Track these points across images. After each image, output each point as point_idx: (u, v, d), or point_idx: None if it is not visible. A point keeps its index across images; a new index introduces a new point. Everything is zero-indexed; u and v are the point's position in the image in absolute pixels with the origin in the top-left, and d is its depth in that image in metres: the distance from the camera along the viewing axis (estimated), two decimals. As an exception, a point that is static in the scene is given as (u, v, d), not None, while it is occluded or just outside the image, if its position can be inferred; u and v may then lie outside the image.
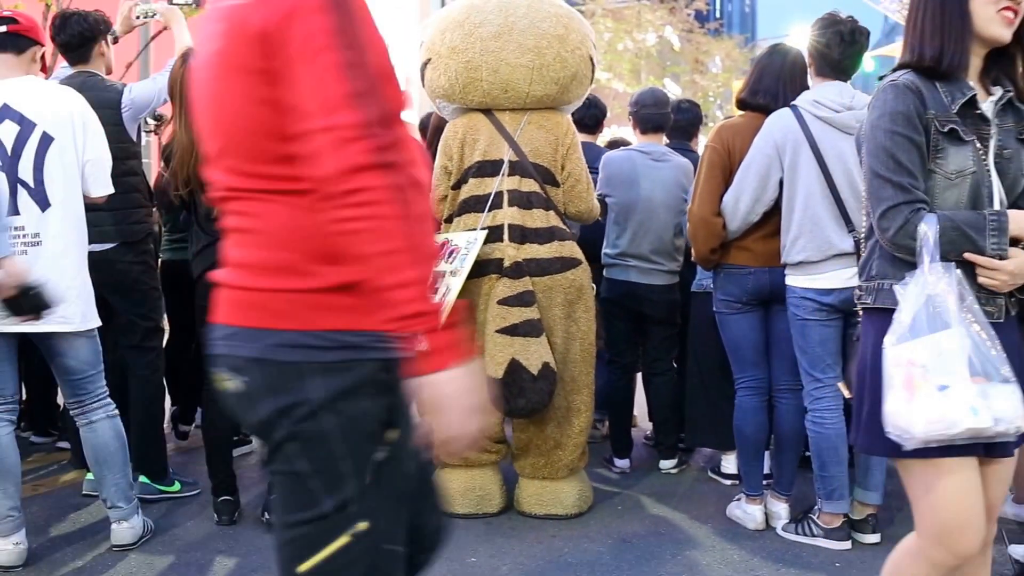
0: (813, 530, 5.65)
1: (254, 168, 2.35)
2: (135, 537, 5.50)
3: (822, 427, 5.55)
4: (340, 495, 2.33)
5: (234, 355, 2.37)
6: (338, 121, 2.16)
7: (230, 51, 2.30)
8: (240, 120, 2.33)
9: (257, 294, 2.36)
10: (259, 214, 2.36)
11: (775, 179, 5.54)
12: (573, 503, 6.11)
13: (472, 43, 6.00)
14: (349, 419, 2.32)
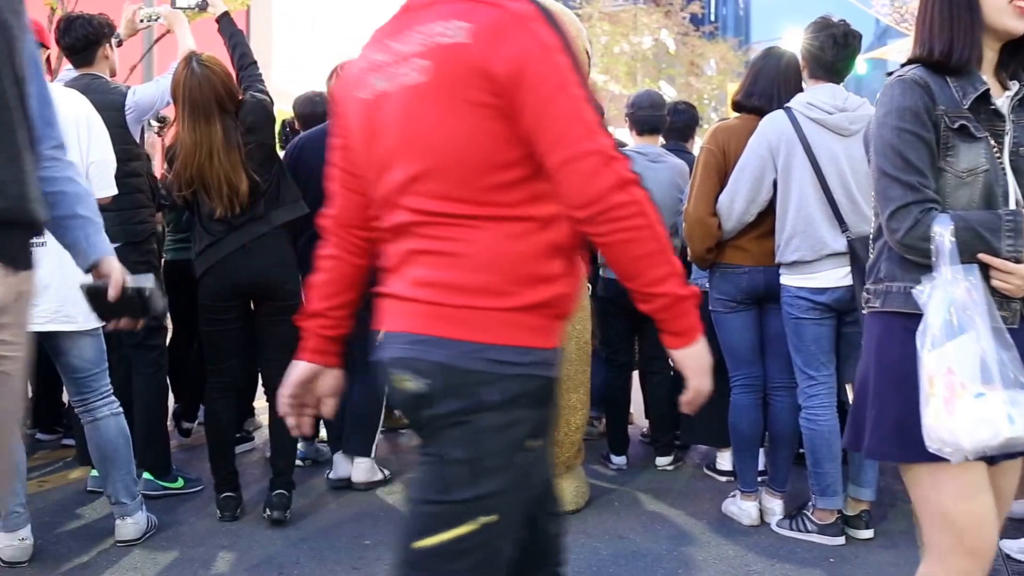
0: (807, 526, 5.66)
1: (464, 195, 2.50)
2: (139, 533, 5.51)
3: (816, 424, 5.56)
4: (480, 487, 2.50)
5: (420, 359, 2.52)
6: (599, 145, 2.40)
7: (449, 86, 2.44)
8: (457, 150, 2.48)
9: (452, 310, 2.51)
10: (464, 239, 2.51)
11: (769, 180, 5.55)
12: (570, 499, 6.12)
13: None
14: (508, 423, 2.51)
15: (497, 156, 2.47)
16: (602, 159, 2.40)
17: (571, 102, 2.41)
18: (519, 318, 2.52)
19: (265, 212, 5.71)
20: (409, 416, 2.65)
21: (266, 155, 5.76)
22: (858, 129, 5.43)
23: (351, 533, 5.78)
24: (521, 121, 2.43)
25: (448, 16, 2.47)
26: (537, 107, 2.40)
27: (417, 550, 2.59)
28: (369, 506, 6.32)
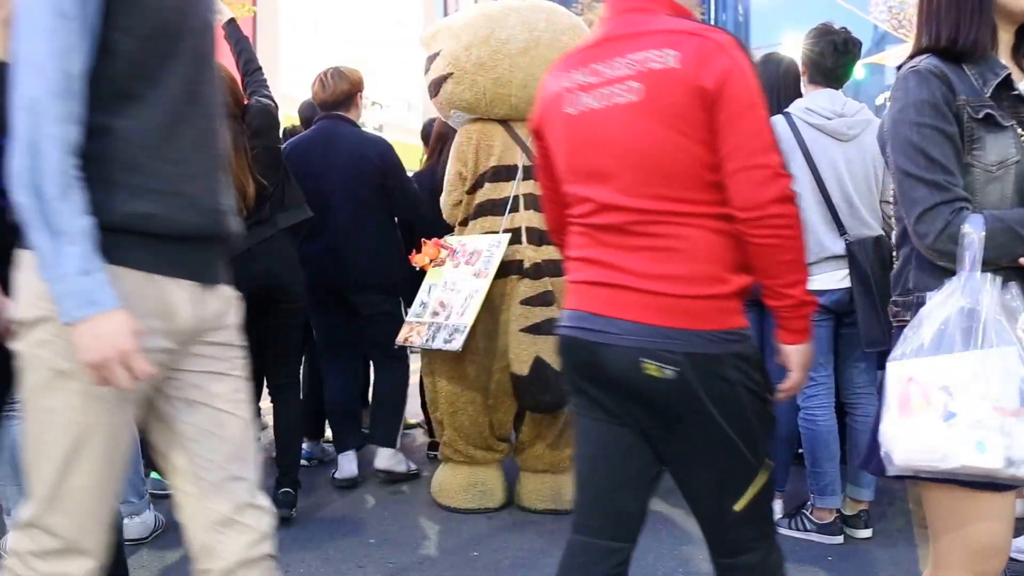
0: (806, 525, 5.66)
1: (682, 195, 2.88)
2: (146, 531, 5.51)
3: (814, 424, 5.56)
4: (756, 447, 3.01)
5: (666, 350, 2.87)
6: (771, 161, 2.81)
7: (663, 104, 2.83)
8: (671, 156, 2.86)
9: (687, 301, 2.88)
10: (684, 235, 2.89)
11: (769, 184, 5.54)
12: (571, 499, 6.10)
13: (500, 60, 6.02)
14: (753, 391, 2.96)
15: (705, 160, 2.84)
16: (772, 173, 2.80)
17: (756, 120, 2.81)
18: (734, 303, 2.97)
19: (271, 215, 5.72)
20: (662, 403, 2.96)
21: (272, 159, 5.77)
22: (856, 134, 5.44)
23: (356, 532, 5.78)
24: (718, 131, 2.81)
25: (659, 45, 2.86)
26: (728, 118, 2.78)
27: (738, 511, 3.08)
28: (374, 505, 6.32)
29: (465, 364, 6.12)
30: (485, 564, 5.28)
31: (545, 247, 5.93)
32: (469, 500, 6.09)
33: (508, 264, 5.93)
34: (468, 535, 5.68)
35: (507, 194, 6.06)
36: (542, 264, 5.91)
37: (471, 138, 6.18)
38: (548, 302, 5.85)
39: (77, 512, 2.57)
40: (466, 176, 6.18)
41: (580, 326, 3.08)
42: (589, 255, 3.10)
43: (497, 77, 6.01)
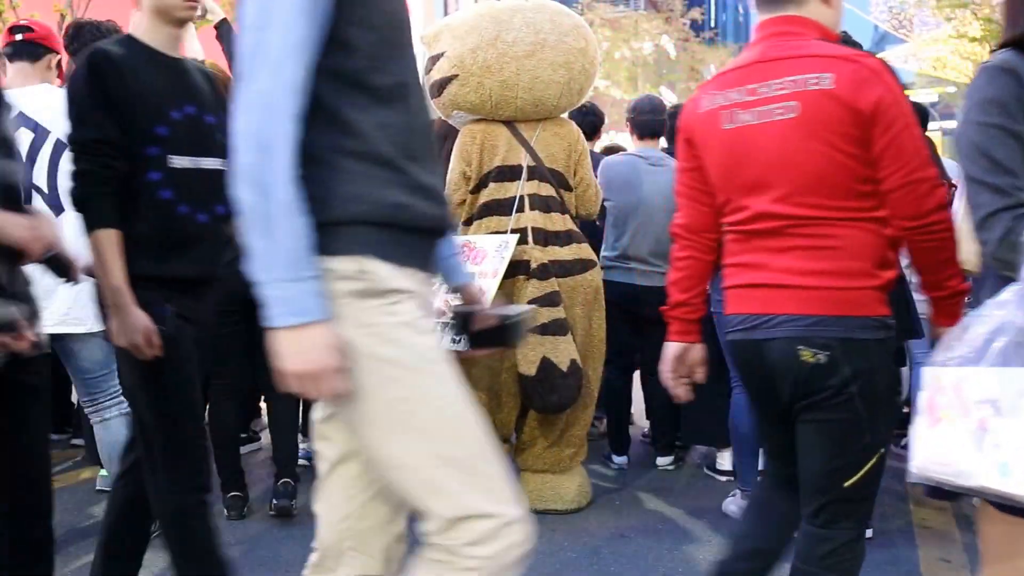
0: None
1: (836, 203, 3.18)
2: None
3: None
4: (879, 430, 3.30)
5: (820, 336, 3.21)
6: (930, 174, 3.11)
7: (818, 122, 3.14)
8: (825, 168, 3.17)
9: (838, 292, 3.19)
10: (838, 235, 3.20)
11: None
12: (572, 498, 6.13)
13: (507, 62, 6.00)
14: (888, 377, 3.35)
15: (855, 173, 3.15)
16: (931, 185, 3.10)
17: (913, 139, 3.10)
18: (879, 294, 3.22)
19: None
20: (805, 386, 3.27)
21: None
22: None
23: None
24: (873, 148, 3.11)
25: (816, 68, 3.15)
26: (889, 141, 3.08)
27: (848, 487, 3.30)
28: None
29: (470, 365, 6.11)
30: (485, 564, 5.27)
31: (551, 247, 5.95)
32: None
33: (515, 264, 5.91)
34: (468, 535, 5.67)
35: (512, 194, 6.05)
36: (549, 265, 5.91)
37: (475, 138, 6.17)
38: (555, 302, 5.86)
39: (488, 483, 2.46)
40: (470, 176, 6.17)
41: (742, 327, 3.43)
42: (744, 260, 3.42)
43: (504, 80, 5.99)
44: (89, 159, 3.63)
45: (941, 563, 5.36)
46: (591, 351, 6.13)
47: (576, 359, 5.82)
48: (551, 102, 6.06)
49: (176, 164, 3.75)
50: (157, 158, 3.71)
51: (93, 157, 3.63)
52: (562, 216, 6.05)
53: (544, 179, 6.04)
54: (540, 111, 6.08)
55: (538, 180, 6.04)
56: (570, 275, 5.95)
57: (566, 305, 5.93)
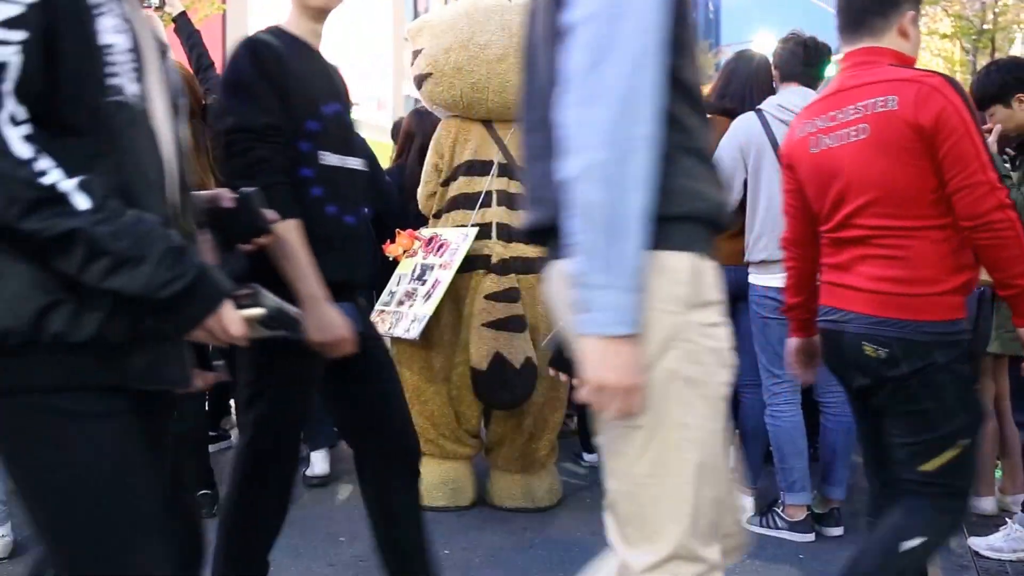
0: (777, 523, 5.66)
1: (905, 212, 3.51)
2: None
3: (780, 420, 5.59)
4: (951, 424, 3.57)
5: (882, 335, 3.56)
6: (988, 177, 3.38)
7: (887, 140, 3.50)
8: (896, 181, 3.52)
9: (905, 298, 3.52)
10: (908, 245, 3.52)
11: (739, 180, 5.59)
12: (543, 496, 6.12)
13: (478, 65, 6.01)
14: (957, 376, 3.58)
15: (924, 183, 3.47)
16: (989, 188, 3.37)
17: (972, 146, 3.39)
18: (947, 299, 3.52)
19: None
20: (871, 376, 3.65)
21: None
22: (828, 132, 5.48)
23: (326, 530, 5.76)
24: (936, 156, 3.42)
25: (883, 92, 3.52)
26: (949, 148, 3.39)
27: (928, 472, 3.58)
28: (345, 504, 6.30)
29: (431, 355, 6.15)
30: (456, 561, 5.27)
31: (515, 244, 5.94)
32: (440, 498, 6.06)
33: (476, 258, 5.94)
34: (439, 533, 5.64)
35: (480, 189, 6.06)
36: (510, 260, 5.92)
37: (450, 131, 6.20)
38: (512, 299, 5.86)
39: (708, 528, 2.36)
40: (441, 168, 6.20)
41: (827, 319, 3.81)
42: (834, 262, 3.78)
43: (474, 82, 6.00)
44: (268, 146, 3.50)
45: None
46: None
47: (532, 357, 5.79)
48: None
49: (326, 161, 3.67)
50: (308, 154, 3.62)
51: (272, 144, 3.51)
52: None
53: (515, 177, 6.02)
54: (512, 113, 6.05)
55: (508, 178, 6.04)
56: (533, 272, 5.90)
57: (527, 302, 5.93)
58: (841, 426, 5.65)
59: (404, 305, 6.01)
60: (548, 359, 3.08)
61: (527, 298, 5.92)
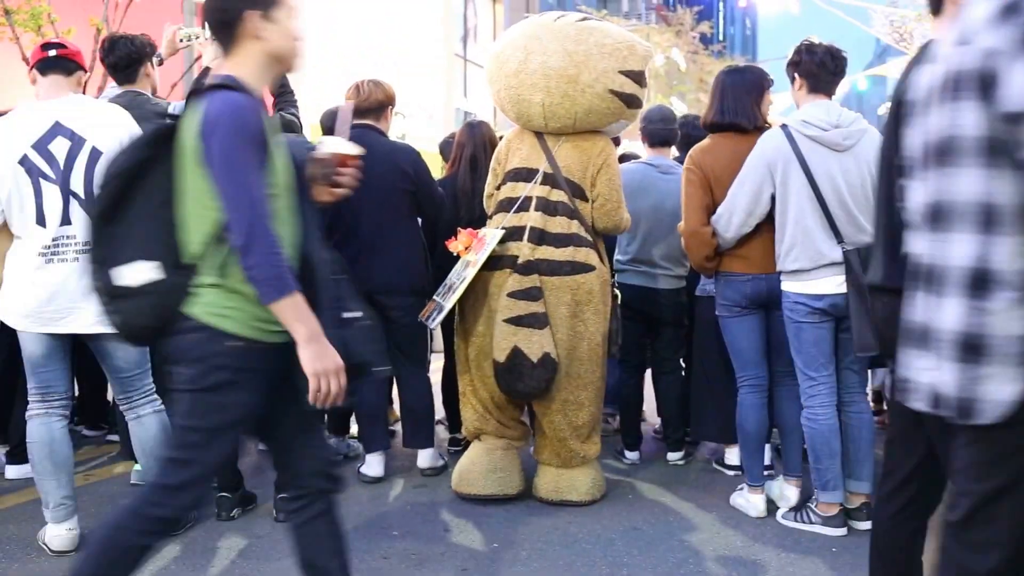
0: (811, 518, 5.66)
1: None
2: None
3: (816, 422, 5.57)
4: None
5: None
6: None
7: None
8: None
9: None
10: None
11: (767, 194, 5.57)
12: (587, 491, 6.13)
13: (499, 78, 6.27)
14: None
15: None
16: None
17: None
18: None
19: None
20: None
21: None
22: (851, 144, 5.46)
23: (380, 524, 5.79)
24: None
25: None
26: None
27: None
28: (397, 500, 6.33)
29: (467, 346, 6.33)
30: (504, 555, 5.28)
31: (544, 247, 6.01)
32: (489, 486, 6.10)
33: (504, 258, 6.05)
34: (488, 527, 5.69)
35: (520, 194, 6.14)
36: (534, 262, 5.97)
37: (509, 141, 6.41)
38: (533, 297, 5.91)
39: None
40: (498, 173, 6.38)
41: None
42: None
43: (496, 92, 6.42)
44: None
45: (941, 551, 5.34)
46: (586, 352, 6.09)
47: (551, 353, 5.85)
48: (538, 121, 6.18)
49: None
50: None
51: None
52: (568, 220, 6.07)
53: (557, 186, 6.09)
54: (536, 126, 6.25)
55: (551, 186, 6.10)
56: (556, 274, 5.97)
57: (550, 302, 5.96)
58: (863, 422, 5.65)
59: (443, 297, 6.24)
60: None
61: (550, 298, 5.96)
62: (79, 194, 5.10)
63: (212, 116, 3.28)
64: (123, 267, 3.38)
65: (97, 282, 3.43)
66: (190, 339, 3.38)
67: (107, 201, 3.43)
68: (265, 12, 3.43)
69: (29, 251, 5.09)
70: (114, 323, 3.50)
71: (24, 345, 5.22)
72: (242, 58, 3.46)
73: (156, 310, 3.41)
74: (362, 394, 6.74)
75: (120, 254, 3.41)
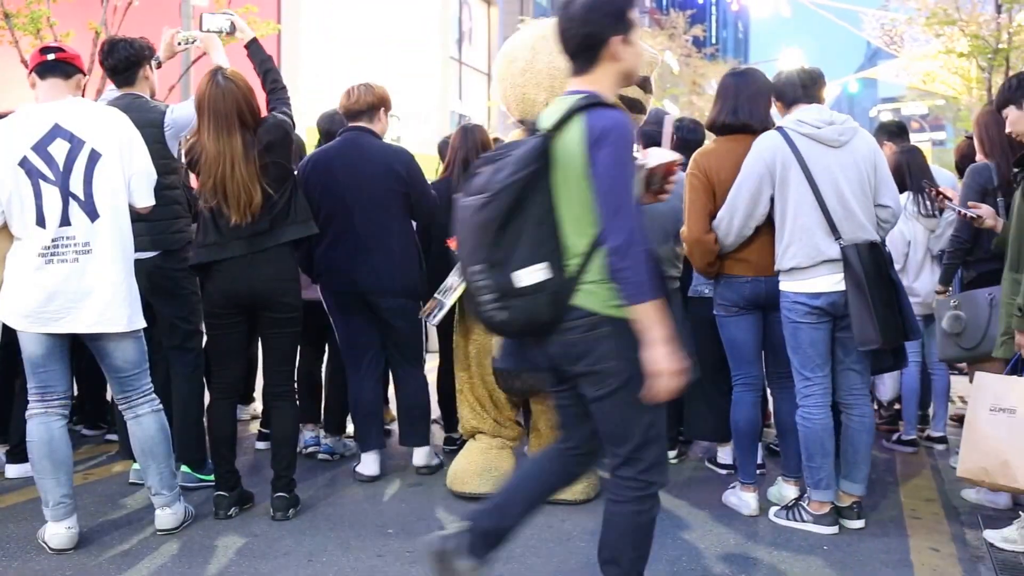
0: (803, 516, 5.66)
1: None
2: (177, 522, 5.51)
3: (810, 422, 5.57)
4: None
5: None
6: None
7: None
8: None
9: None
10: None
11: (766, 196, 5.58)
12: (581, 490, 6.12)
13: (507, 76, 6.30)
14: None
15: None
16: None
17: None
18: None
19: (271, 227, 5.65)
20: None
21: (280, 173, 5.70)
22: (846, 140, 5.49)
23: (375, 523, 5.78)
24: None
25: None
26: None
27: None
28: (392, 497, 6.32)
29: (468, 344, 6.36)
30: (498, 553, 5.27)
31: None
32: (484, 485, 6.09)
33: None
34: (482, 525, 5.69)
35: None
36: None
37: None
38: None
39: None
40: None
41: None
42: None
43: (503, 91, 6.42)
44: None
45: (930, 551, 5.36)
46: None
47: None
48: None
49: None
50: None
51: None
52: None
53: None
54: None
55: None
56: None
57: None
58: (864, 426, 5.64)
59: (444, 295, 6.29)
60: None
61: None
62: (78, 195, 5.09)
63: (598, 131, 3.67)
64: (521, 270, 3.72)
65: (488, 282, 3.76)
66: (595, 335, 3.79)
67: (502, 209, 3.71)
68: (626, 36, 3.83)
69: (29, 252, 5.08)
70: (499, 319, 3.83)
71: (24, 345, 5.21)
72: (599, 76, 3.89)
73: (551, 307, 3.76)
74: (358, 394, 6.74)
75: (517, 258, 3.73)
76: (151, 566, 5.06)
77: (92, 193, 5.11)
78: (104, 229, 5.15)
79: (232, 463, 5.94)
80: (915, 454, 7.64)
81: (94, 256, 5.12)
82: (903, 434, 7.84)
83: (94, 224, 5.12)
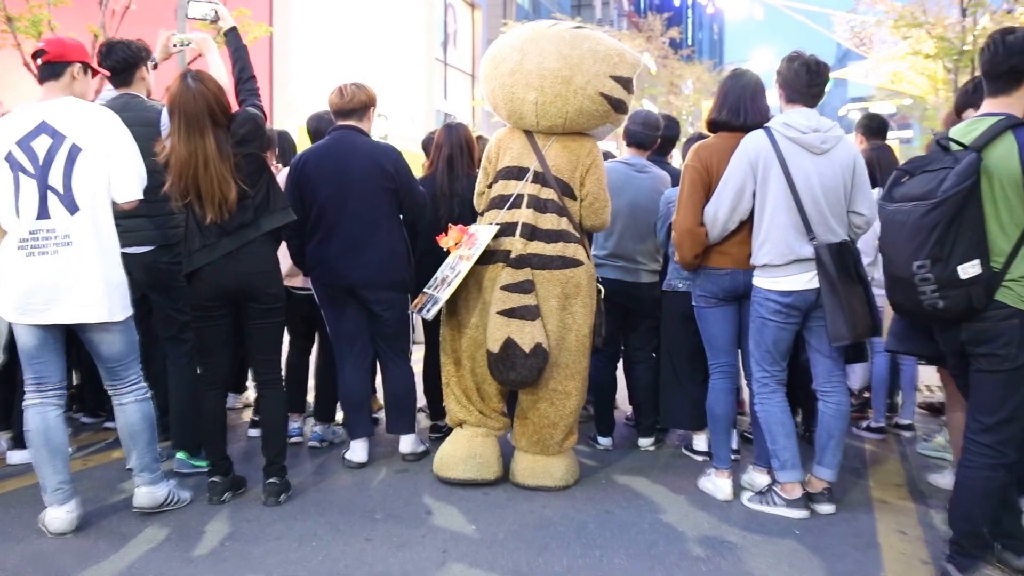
0: (776, 501, 5.66)
1: None
2: (154, 503, 5.56)
3: (768, 405, 5.67)
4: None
5: None
6: None
7: None
8: None
9: None
10: None
11: (749, 192, 5.58)
12: (562, 476, 6.12)
13: (494, 77, 6.29)
14: None
15: None
16: None
17: None
18: None
19: (255, 219, 5.63)
20: None
21: (256, 166, 5.69)
22: (829, 148, 5.48)
23: (364, 508, 5.77)
24: None
25: None
26: None
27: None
28: (380, 483, 6.31)
29: (459, 337, 6.31)
30: (482, 535, 5.28)
31: (535, 243, 6.02)
32: (468, 471, 6.11)
33: (498, 253, 6.07)
34: (466, 510, 5.68)
35: (512, 192, 6.16)
36: (527, 256, 6.00)
37: (500, 140, 6.41)
38: (526, 290, 5.93)
39: None
40: (489, 171, 6.39)
41: None
42: None
43: (490, 91, 6.41)
44: None
45: (898, 534, 5.37)
46: (573, 343, 6.14)
47: (542, 343, 5.86)
48: (530, 119, 6.19)
49: None
50: None
51: None
52: (557, 217, 6.08)
53: (547, 184, 6.12)
54: (528, 124, 6.25)
55: (540, 184, 6.13)
56: (547, 268, 5.99)
57: (541, 295, 5.98)
58: (840, 414, 5.65)
59: (436, 290, 6.22)
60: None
61: (541, 291, 5.98)
62: (57, 189, 5.07)
63: None
64: (963, 265, 4.27)
65: (932, 275, 4.33)
66: (1006, 324, 4.35)
67: (948, 214, 4.26)
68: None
69: (11, 244, 5.11)
70: (940, 306, 4.37)
71: (18, 336, 5.22)
72: (1016, 100, 4.46)
73: (983, 298, 4.32)
74: (347, 384, 6.73)
75: (957, 255, 4.28)
76: (145, 549, 5.04)
77: (71, 187, 5.09)
78: (84, 222, 5.13)
79: (224, 450, 5.93)
80: (884, 441, 7.67)
81: (74, 248, 5.10)
82: (872, 422, 7.88)
83: (74, 217, 5.10)
